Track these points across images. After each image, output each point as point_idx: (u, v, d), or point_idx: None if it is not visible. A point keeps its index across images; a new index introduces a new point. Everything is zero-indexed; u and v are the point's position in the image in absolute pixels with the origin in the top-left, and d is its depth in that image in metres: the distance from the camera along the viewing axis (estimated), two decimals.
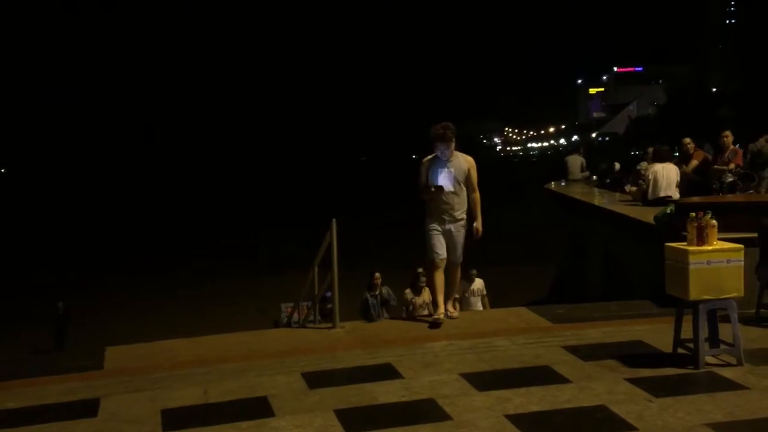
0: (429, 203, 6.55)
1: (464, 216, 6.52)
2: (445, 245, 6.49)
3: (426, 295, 10.42)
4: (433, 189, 6.39)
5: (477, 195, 6.57)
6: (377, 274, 10.62)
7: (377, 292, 10.29)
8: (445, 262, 6.51)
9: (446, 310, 6.64)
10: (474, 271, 11.00)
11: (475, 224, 6.58)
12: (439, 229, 6.49)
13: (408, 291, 10.45)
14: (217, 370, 5.49)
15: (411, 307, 10.21)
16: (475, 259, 9.83)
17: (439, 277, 6.56)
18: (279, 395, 4.85)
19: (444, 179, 6.41)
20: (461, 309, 10.26)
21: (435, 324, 6.44)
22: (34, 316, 18.53)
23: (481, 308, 10.55)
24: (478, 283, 10.99)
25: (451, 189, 6.42)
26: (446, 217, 6.47)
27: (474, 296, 10.95)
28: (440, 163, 6.48)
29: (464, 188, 6.51)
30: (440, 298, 6.60)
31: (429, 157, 6.57)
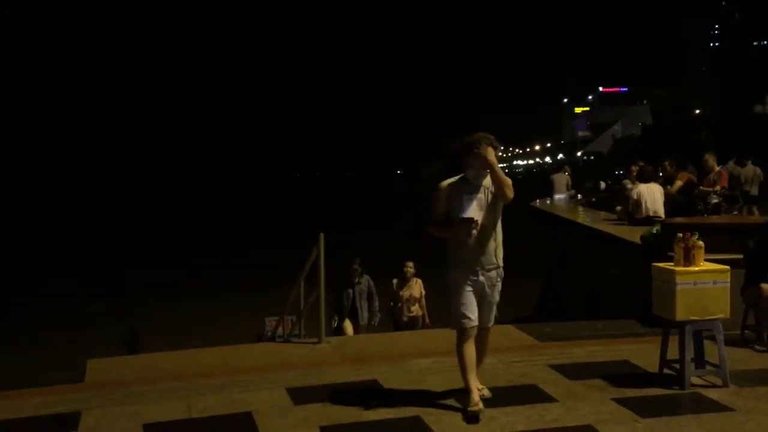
0: (453, 245, 4.72)
1: (502, 263, 4.78)
2: (476, 305, 4.73)
3: (415, 290, 9.45)
4: (461, 222, 4.53)
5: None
6: (355, 266, 9.26)
7: (356, 281, 9.25)
8: (476, 329, 4.74)
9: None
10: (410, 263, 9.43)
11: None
12: (471, 282, 4.68)
13: (395, 282, 9.53)
14: (199, 385, 5.42)
15: (399, 303, 9.40)
16: None
17: (470, 351, 4.72)
18: (263, 411, 4.79)
19: (475, 211, 4.59)
20: None
21: (472, 417, 4.53)
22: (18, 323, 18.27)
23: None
24: None
25: (486, 222, 4.62)
26: (481, 265, 4.66)
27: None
28: (469, 187, 4.64)
29: (499, 219, 4.73)
30: (473, 381, 4.72)
31: (449, 180, 4.73)
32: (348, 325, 9.23)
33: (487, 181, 4.67)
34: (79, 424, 4.65)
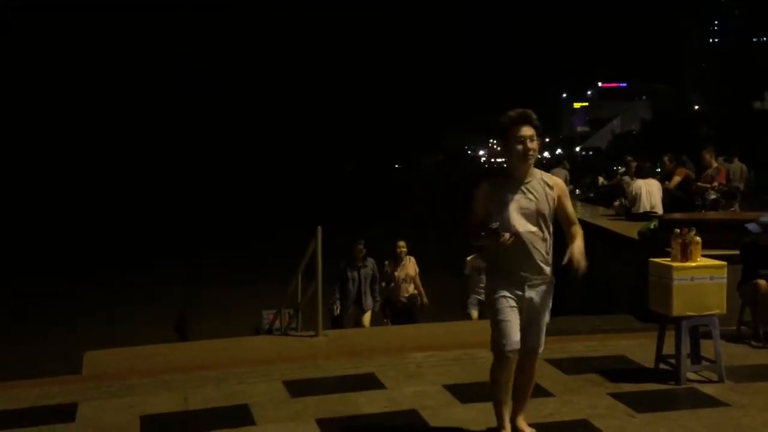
0: (492, 254, 3.93)
1: (550, 271, 3.98)
2: (519, 325, 3.89)
3: (410, 268, 9.17)
4: (507, 238, 3.72)
5: (578, 228, 3.99)
6: (360, 246, 8.81)
7: (361, 264, 8.81)
8: (518, 353, 3.89)
9: (517, 428, 4.10)
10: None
11: (571, 249, 3.92)
12: (514, 297, 3.86)
13: (387, 264, 9.30)
14: (197, 377, 5.43)
15: (392, 283, 9.18)
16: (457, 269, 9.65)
17: (508, 378, 3.93)
18: (260, 403, 4.80)
19: (518, 215, 3.82)
20: (470, 289, 8.88)
21: None
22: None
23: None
24: None
25: (532, 229, 3.83)
26: (526, 277, 3.85)
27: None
28: (512, 186, 3.87)
29: (550, 226, 3.92)
30: (506, 415, 4.02)
31: (494, 177, 3.99)
32: (367, 318, 8.91)
33: (531, 179, 3.88)
34: (77, 415, 4.66)
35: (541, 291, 3.94)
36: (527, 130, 3.85)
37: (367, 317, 9.06)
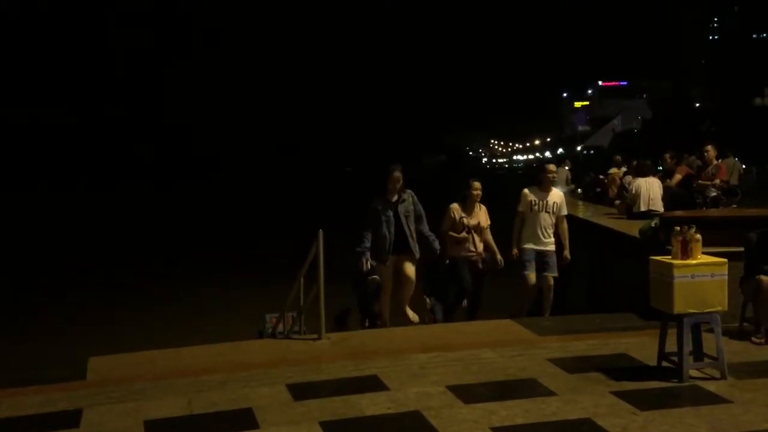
0: None
1: None
2: None
3: (482, 217, 7.59)
4: None
5: None
6: (396, 173, 6.95)
7: (398, 198, 6.96)
8: None
9: None
10: (552, 167, 7.70)
11: None
12: None
13: (456, 207, 7.48)
14: (200, 381, 5.45)
15: (465, 229, 7.37)
16: None
17: None
18: (264, 407, 4.82)
19: None
20: (522, 235, 7.57)
21: None
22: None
23: (550, 244, 7.63)
24: (556, 195, 7.71)
25: None
26: None
27: (546, 212, 7.67)
28: None
29: None
30: None
31: None
32: (410, 270, 7.01)
33: None
34: (81, 422, 4.68)
35: None
36: None
37: (410, 268, 7.05)
